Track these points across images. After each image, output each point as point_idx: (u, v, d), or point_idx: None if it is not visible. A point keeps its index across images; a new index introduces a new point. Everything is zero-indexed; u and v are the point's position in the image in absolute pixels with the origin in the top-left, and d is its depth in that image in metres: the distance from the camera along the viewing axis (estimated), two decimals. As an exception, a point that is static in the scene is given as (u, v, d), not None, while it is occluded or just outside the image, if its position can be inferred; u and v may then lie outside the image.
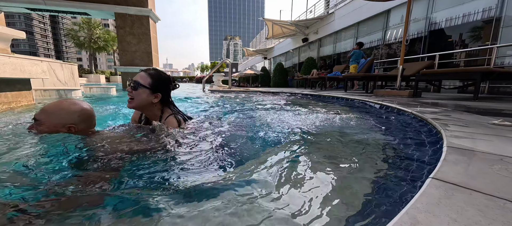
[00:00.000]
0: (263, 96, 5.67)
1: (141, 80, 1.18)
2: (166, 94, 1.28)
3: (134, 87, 1.17)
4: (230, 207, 0.65)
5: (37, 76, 2.83)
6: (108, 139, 1.06)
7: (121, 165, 0.88)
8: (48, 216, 0.59)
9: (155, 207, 0.65)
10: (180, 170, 0.91)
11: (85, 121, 1.06)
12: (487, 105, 2.53)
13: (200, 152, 1.06)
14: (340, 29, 9.97)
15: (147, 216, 0.62)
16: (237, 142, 1.30)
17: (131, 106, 1.21)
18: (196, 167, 0.93)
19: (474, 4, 5.35)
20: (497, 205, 0.45)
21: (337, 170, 0.96)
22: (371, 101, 2.93)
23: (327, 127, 1.73)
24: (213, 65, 65.87)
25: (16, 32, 3.01)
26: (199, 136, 1.24)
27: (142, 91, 1.18)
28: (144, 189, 0.75)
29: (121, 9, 8.77)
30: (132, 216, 0.62)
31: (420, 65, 5.02)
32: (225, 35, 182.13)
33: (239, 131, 1.54)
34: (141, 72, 1.22)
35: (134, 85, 1.18)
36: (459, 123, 1.32)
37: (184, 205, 0.66)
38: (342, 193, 0.76)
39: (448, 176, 0.59)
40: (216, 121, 1.73)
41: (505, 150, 0.82)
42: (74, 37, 35.89)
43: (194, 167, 0.93)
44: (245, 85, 20.29)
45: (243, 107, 3.22)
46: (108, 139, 1.06)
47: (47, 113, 1.00)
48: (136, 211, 0.63)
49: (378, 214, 0.61)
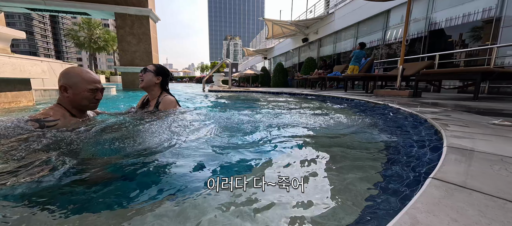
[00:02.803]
0: (263, 96, 5.67)
1: (148, 67, 1.71)
2: (164, 80, 1.77)
3: (144, 71, 1.69)
4: (227, 206, 0.65)
5: (37, 76, 2.83)
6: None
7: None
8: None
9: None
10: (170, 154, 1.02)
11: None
12: (487, 105, 2.53)
13: (194, 140, 1.18)
14: (340, 29, 9.97)
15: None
16: (233, 138, 1.31)
17: (142, 86, 1.70)
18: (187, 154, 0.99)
19: (474, 4, 5.35)
20: (497, 205, 0.45)
21: (336, 169, 0.96)
22: (371, 101, 2.93)
23: (326, 127, 1.73)
24: (213, 65, 65.87)
25: (16, 32, 3.01)
26: (193, 122, 1.54)
27: (148, 74, 1.69)
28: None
29: (121, 9, 8.77)
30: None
31: (420, 65, 5.02)
32: (225, 35, 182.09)
33: (235, 128, 1.54)
34: (149, 64, 1.74)
35: (143, 70, 1.70)
36: (459, 123, 1.32)
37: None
38: (341, 193, 0.76)
39: (448, 176, 0.59)
40: (214, 115, 1.89)
41: (505, 150, 0.82)
42: (74, 37, 35.84)
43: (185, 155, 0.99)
44: (245, 85, 20.29)
45: (243, 107, 3.22)
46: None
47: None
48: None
49: (378, 214, 0.61)
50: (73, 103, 1.19)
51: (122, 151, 1.03)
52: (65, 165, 0.83)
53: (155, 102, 1.69)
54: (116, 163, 0.92)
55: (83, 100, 1.19)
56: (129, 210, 0.65)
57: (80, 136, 1.07)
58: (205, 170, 0.93)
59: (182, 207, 0.66)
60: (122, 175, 0.83)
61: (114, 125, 1.33)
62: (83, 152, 0.98)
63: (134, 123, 1.40)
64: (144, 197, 0.73)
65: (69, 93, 1.15)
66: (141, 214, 0.62)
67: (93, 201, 0.70)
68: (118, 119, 1.50)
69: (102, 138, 1.13)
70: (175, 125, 1.38)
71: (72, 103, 1.19)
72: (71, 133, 1.09)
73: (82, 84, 1.16)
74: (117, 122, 1.40)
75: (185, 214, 0.62)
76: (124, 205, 0.68)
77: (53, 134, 1.03)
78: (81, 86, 1.16)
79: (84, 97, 1.18)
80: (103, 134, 1.18)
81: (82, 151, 0.98)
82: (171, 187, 0.78)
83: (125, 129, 1.29)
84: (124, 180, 0.82)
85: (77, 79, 1.16)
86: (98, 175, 0.81)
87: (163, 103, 1.67)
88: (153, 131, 1.24)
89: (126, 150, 1.03)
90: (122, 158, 0.96)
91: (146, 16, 9.04)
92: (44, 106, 2.88)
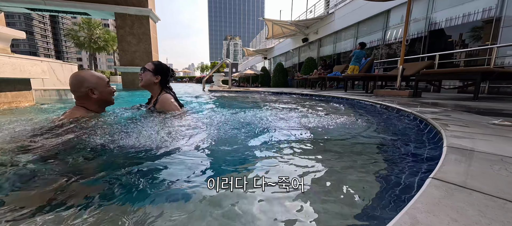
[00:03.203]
0: (263, 96, 5.67)
1: (147, 66, 1.71)
2: (164, 79, 1.76)
3: (143, 70, 1.71)
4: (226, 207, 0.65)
5: (37, 76, 2.83)
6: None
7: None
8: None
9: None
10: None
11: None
12: (487, 105, 2.53)
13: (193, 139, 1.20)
14: (340, 29, 9.97)
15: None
16: (232, 138, 1.30)
17: (141, 85, 1.72)
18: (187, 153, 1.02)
19: (474, 4, 5.35)
20: (497, 205, 0.45)
21: (336, 169, 0.96)
22: (371, 101, 2.93)
23: (326, 127, 1.73)
24: (213, 65, 65.85)
25: (16, 32, 3.01)
26: (193, 121, 1.58)
27: (147, 73, 1.69)
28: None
29: (121, 9, 8.78)
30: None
31: (420, 65, 5.02)
32: (225, 35, 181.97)
33: (234, 128, 1.54)
34: (149, 62, 1.71)
35: (142, 69, 1.71)
36: (459, 123, 1.32)
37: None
38: (341, 193, 0.76)
39: (448, 176, 0.59)
40: (213, 115, 1.90)
41: (505, 150, 0.82)
42: (74, 37, 35.83)
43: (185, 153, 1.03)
44: (245, 85, 20.29)
45: (243, 107, 3.22)
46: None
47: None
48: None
49: (377, 214, 0.61)
50: (99, 102, 1.30)
51: (118, 150, 1.03)
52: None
53: (154, 100, 1.71)
54: (113, 163, 0.93)
55: (108, 95, 1.32)
56: (127, 211, 0.65)
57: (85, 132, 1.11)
58: (205, 170, 0.93)
59: (182, 207, 0.66)
60: (115, 178, 0.83)
61: (115, 122, 1.35)
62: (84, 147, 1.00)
63: (136, 121, 1.42)
64: (140, 197, 0.73)
65: (96, 94, 1.26)
66: (140, 215, 0.62)
67: (88, 203, 0.70)
68: (127, 114, 1.58)
69: (103, 136, 1.14)
70: (169, 125, 1.38)
71: (98, 102, 1.30)
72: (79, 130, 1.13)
73: (102, 82, 1.29)
74: (119, 120, 1.42)
75: (185, 214, 0.62)
76: (119, 205, 0.68)
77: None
78: (102, 84, 1.28)
79: (108, 93, 1.32)
80: (103, 132, 1.19)
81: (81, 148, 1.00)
82: (171, 187, 0.78)
83: (122, 127, 1.30)
84: (121, 179, 0.82)
85: (95, 80, 1.27)
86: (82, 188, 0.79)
87: (160, 102, 1.67)
88: (146, 130, 1.24)
89: (122, 149, 1.03)
90: (117, 157, 0.97)
91: (146, 16, 9.04)
92: (44, 106, 2.89)
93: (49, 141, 0.99)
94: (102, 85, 1.28)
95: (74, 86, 1.23)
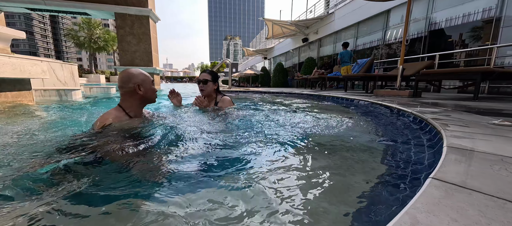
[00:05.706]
0: (263, 96, 5.67)
1: (207, 78, 1.95)
2: (218, 84, 2.04)
3: (204, 82, 1.95)
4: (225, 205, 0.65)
5: (37, 76, 2.83)
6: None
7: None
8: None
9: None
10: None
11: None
12: (487, 105, 2.53)
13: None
14: (340, 29, 9.97)
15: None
16: (232, 138, 1.31)
17: (204, 95, 1.98)
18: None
19: (474, 4, 5.35)
20: (497, 205, 0.45)
21: (336, 169, 0.96)
22: (371, 101, 2.93)
23: (326, 127, 1.73)
24: (213, 65, 65.84)
25: (16, 32, 3.01)
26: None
27: (210, 84, 1.96)
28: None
29: (121, 9, 8.77)
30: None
31: (420, 65, 5.02)
32: (225, 35, 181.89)
33: (234, 128, 1.54)
34: (203, 73, 1.99)
35: (204, 81, 1.96)
36: (459, 123, 1.32)
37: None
38: (341, 193, 0.76)
39: (448, 176, 0.59)
40: (213, 114, 1.99)
41: (505, 150, 0.82)
42: (74, 37, 35.79)
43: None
44: (245, 85, 20.27)
45: (243, 107, 3.22)
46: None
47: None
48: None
49: (378, 214, 0.61)
50: (143, 99, 1.31)
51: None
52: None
53: (215, 101, 2.01)
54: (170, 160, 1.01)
55: (152, 93, 1.33)
56: (128, 210, 0.65)
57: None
58: (205, 170, 0.93)
59: (181, 207, 0.66)
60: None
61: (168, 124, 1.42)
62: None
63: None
64: (148, 194, 0.73)
65: (142, 90, 1.27)
66: (144, 213, 0.62)
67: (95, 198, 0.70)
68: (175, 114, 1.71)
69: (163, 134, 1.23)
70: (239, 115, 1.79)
71: (142, 99, 1.31)
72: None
73: (148, 80, 1.30)
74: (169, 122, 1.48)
75: (183, 213, 0.62)
76: (129, 202, 0.68)
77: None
78: (148, 81, 1.30)
79: (152, 90, 1.33)
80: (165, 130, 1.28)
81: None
82: (171, 187, 0.78)
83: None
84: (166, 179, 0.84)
85: (142, 77, 1.28)
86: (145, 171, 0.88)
87: (225, 103, 1.99)
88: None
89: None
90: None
91: (146, 16, 9.03)
92: (44, 106, 2.89)
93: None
94: (148, 83, 1.31)
95: (123, 82, 1.23)
